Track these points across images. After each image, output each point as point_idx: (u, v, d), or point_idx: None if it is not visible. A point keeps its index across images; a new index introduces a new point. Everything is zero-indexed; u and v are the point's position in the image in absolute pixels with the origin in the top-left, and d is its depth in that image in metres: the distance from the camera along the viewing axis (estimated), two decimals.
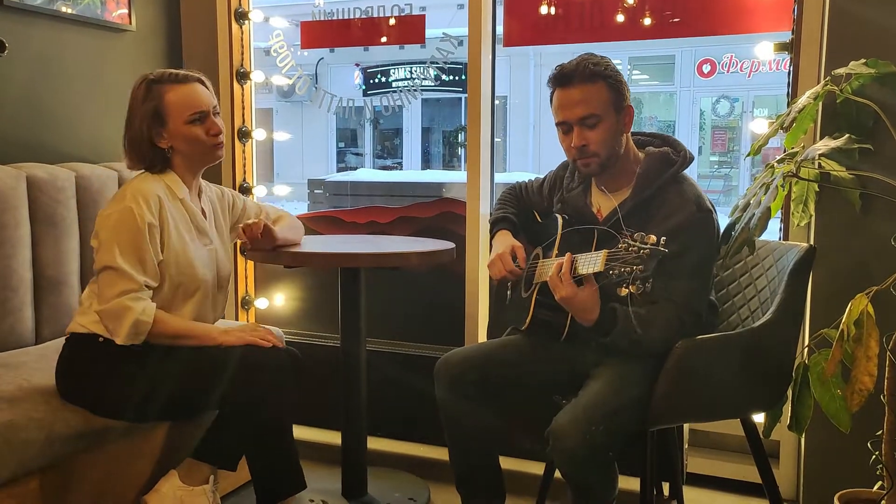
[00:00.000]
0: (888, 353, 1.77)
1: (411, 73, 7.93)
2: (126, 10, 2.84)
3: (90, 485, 2.03)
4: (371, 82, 9.27)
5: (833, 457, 2.25)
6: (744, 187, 11.25)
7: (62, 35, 2.65)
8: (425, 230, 2.93)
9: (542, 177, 2.19)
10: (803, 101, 1.89)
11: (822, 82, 2.00)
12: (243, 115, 3.06)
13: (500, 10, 2.76)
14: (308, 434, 2.78)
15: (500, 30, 2.79)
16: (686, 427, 2.36)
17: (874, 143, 2.01)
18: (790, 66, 2.35)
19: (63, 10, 2.62)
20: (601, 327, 1.78)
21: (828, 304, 2.16)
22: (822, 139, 1.96)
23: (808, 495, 2.34)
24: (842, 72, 1.97)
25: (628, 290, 1.60)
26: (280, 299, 3.17)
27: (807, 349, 1.95)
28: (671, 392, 1.75)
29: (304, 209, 4.99)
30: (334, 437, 2.56)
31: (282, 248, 2.22)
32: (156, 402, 1.97)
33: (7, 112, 2.48)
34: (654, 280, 1.59)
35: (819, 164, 2.00)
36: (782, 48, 2.36)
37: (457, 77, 4.29)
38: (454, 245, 2.38)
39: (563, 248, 1.92)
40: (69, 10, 2.64)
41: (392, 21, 2.99)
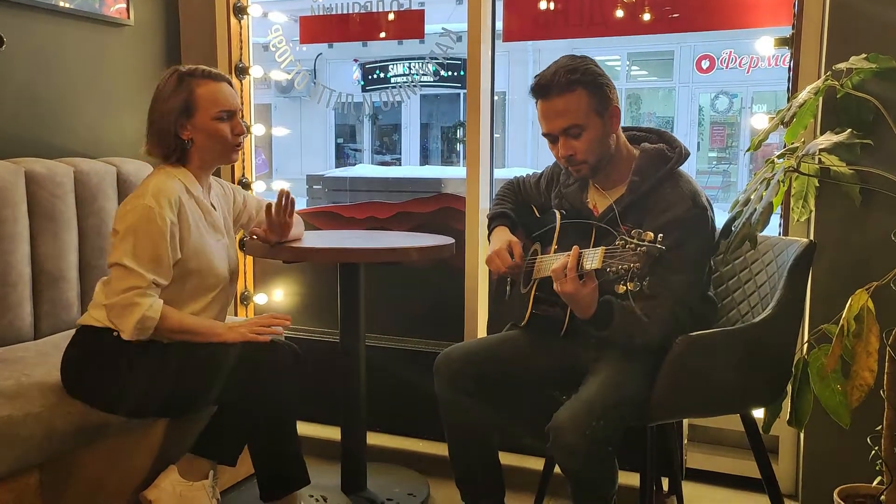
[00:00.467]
0: (888, 348, 1.77)
1: (410, 68, 7.92)
2: (124, 5, 2.83)
3: (89, 480, 2.03)
4: (370, 78, 9.27)
5: (832, 452, 2.25)
6: (742, 183, 11.25)
7: (60, 30, 2.64)
8: (424, 225, 2.92)
9: (539, 172, 2.19)
10: (804, 95, 1.89)
11: (823, 77, 2.00)
12: (242, 111, 3.05)
13: (499, 5, 2.76)
14: (308, 430, 2.78)
15: (499, 25, 2.79)
16: (685, 422, 2.36)
17: (874, 138, 2.01)
18: (790, 62, 2.34)
19: (61, 4, 2.61)
20: (598, 321, 1.78)
21: (828, 299, 2.16)
22: (822, 134, 1.96)
23: (808, 490, 2.34)
24: (842, 66, 1.97)
25: (626, 287, 1.59)
26: (279, 295, 3.17)
27: (807, 345, 1.95)
28: (671, 387, 1.75)
29: (302, 205, 4.99)
30: (334, 433, 2.56)
31: (282, 244, 2.22)
32: (163, 399, 1.98)
33: (5, 107, 2.47)
34: (649, 276, 1.59)
35: (819, 159, 2.00)
36: (782, 43, 2.36)
37: (455, 72, 4.29)
38: (453, 240, 2.38)
39: (561, 244, 1.92)
40: (67, 5, 2.63)
41: (391, 16, 2.99)
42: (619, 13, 2.63)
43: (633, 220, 1.82)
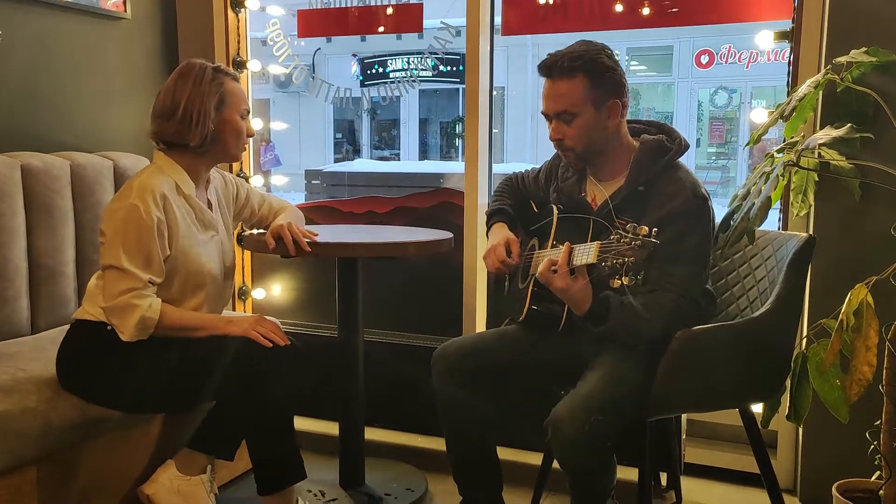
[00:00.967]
0: (887, 343, 1.77)
1: (408, 63, 7.90)
2: None
3: (87, 475, 2.03)
4: (368, 73, 9.24)
5: (831, 447, 2.25)
6: (741, 179, 11.23)
7: (57, 23, 2.63)
8: (423, 220, 2.91)
9: (538, 167, 2.18)
10: (804, 89, 1.88)
11: (823, 71, 1.99)
12: None
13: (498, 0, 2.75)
14: (305, 424, 2.77)
15: (497, 19, 2.78)
16: (684, 417, 2.36)
17: (874, 132, 2.00)
18: (790, 55, 2.33)
19: None
20: (594, 316, 1.77)
21: (827, 294, 2.16)
22: (822, 128, 1.95)
23: (806, 485, 2.34)
24: (843, 60, 1.96)
25: (620, 281, 1.59)
26: (277, 289, 3.16)
27: (805, 339, 1.95)
28: (670, 382, 1.75)
29: (301, 199, 4.98)
30: (332, 428, 2.56)
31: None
32: (161, 393, 1.97)
33: (1, 100, 2.46)
34: (649, 268, 1.59)
35: (819, 153, 2.00)
36: (782, 37, 2.35)
37: (454, 67, 4.27)
38: (452, 235, 2.37)
39: (559, 239, 1.91)
40: None
41: (389, 10, 2.97)
42: (619, 7, 2.62)
43: (633, 211, 1.81)
